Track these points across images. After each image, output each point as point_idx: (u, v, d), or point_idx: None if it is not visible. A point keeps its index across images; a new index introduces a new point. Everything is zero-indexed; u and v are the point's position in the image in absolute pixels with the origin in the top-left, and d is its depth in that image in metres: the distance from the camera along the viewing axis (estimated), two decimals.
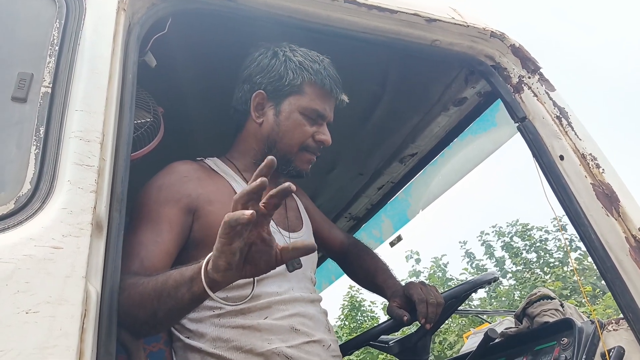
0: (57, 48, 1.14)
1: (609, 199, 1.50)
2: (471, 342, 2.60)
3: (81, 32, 1.17)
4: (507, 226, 18.31)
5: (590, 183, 1.52)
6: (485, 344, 1.54)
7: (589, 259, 16.32)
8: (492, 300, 16.70)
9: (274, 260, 0.95)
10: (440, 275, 17.55)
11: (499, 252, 18.20)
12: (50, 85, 1.09)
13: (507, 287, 17.26)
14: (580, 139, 1.58)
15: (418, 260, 18.22)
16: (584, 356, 1.46)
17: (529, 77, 1.68)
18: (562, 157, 1.58)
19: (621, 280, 1.43)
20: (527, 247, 17.81)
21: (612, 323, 1.51)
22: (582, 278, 15.93)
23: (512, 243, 18.04)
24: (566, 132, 1.60)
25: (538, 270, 17.00)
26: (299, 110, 1.53)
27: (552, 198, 1.59)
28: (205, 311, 1.33)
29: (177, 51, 1.59)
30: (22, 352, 0.83)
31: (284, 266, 0.97)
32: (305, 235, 1.58)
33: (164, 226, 1.32)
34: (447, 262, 18.15)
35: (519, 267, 17.74)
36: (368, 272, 1.80)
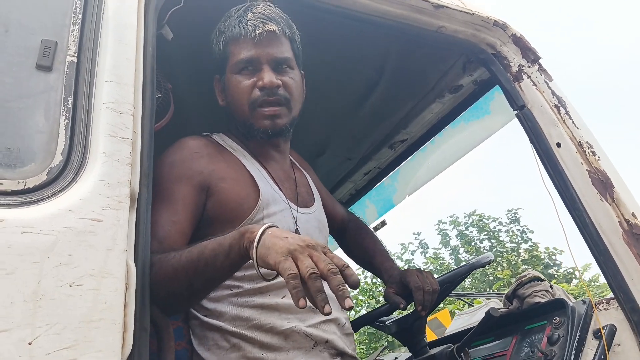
0: (80, 16, 1.10)
1: (603, 185, 1.57)
2: (457, 323, 2.69)
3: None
4: (464, 217, 18.80)
5: (586, 170, 1.59)
6: (487, 322, 1.59)
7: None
8: None
9: None
10: (402, 264, 17.80)
11: (455, 242, 18.64)
12: (76, 55, 1.06)
13: None
14: (577, 127, 1.65)
15: None
16: (577, 334, 1.54)
17: (529, 67, 1.73)
18: (559, 145, 1.64)
19: (613, 262, 1.50)
20: (481, 237, 18.34)
21: (603, 302, 1.58)
22: (530, 267, 16.57)
23: (467, 232, 18.52)
24: (564, 120, 1.66)
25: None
26: (232, 72, 1.50)
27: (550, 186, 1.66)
28: (223, 290, 1.33)
29: (187, 27, 1.55)
30: (68, 326, 0.81)
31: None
32: (317, 211, 1.59)
33: (179, 205, 1.31)
34: (414, 250, 18.33)
35: (471, 256, 18.24)
36: (366, 251, 1.83)
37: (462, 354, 1.63)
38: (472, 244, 18.40)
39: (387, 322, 1.82)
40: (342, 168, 2.66)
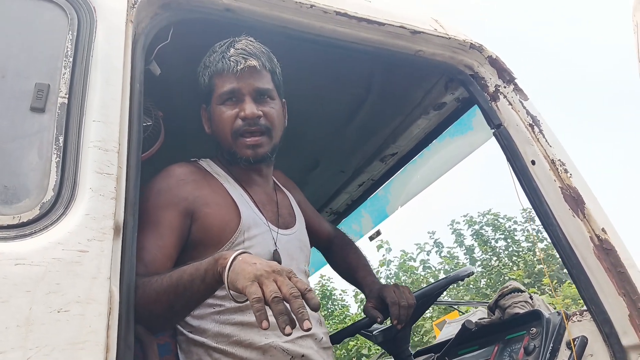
0: (71, 59, 1.20)
1: (575, 201, 1.63)
2: (446, 331, 2.75)
3: (93, 43, 1.24)
4: (479, 216, 18.70)
5: (559, 186, 1.65)
6: (462, 334, 1.67)
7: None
8: (460, 287, 17.08)
9: None
10: (417, 264, 17.70)
11: (469, 241, 18.52)
12: (67, 96, 1.16)
13: (474, 275, 17.65)
14: (550, 146, 1.71)
15: (389, 250, 18.47)
16: (551, 345, 1.61)
17: (505, 87, 1.80)
18: (533, 162, 1.71)
19: (585, 275, 1.57)
20: (497, 237, 18.20)
21: (577, 314, 1.65)
22: (547, 267, 16.42)
23: (483, 231, 18.40)
24: (538, 139, 1.73)
25: (506, 259, 17.45)
26: (216, 103, 1.58)
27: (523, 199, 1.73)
28: (206, 308, 1.42)
29: (176, 58, 1.65)
30: (56, 348, 0.91)
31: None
32: (298, 232, 1.68)
33: (165, 230, 1.40)
34: (429, 250, 18.22)
35: (487, 255, 18.15)
36: (350, 266, 1.92)
37: None
38: (488, 243, 18.29)
39: (374, 332, 1.91)
40: (337, 180, 2.76)
